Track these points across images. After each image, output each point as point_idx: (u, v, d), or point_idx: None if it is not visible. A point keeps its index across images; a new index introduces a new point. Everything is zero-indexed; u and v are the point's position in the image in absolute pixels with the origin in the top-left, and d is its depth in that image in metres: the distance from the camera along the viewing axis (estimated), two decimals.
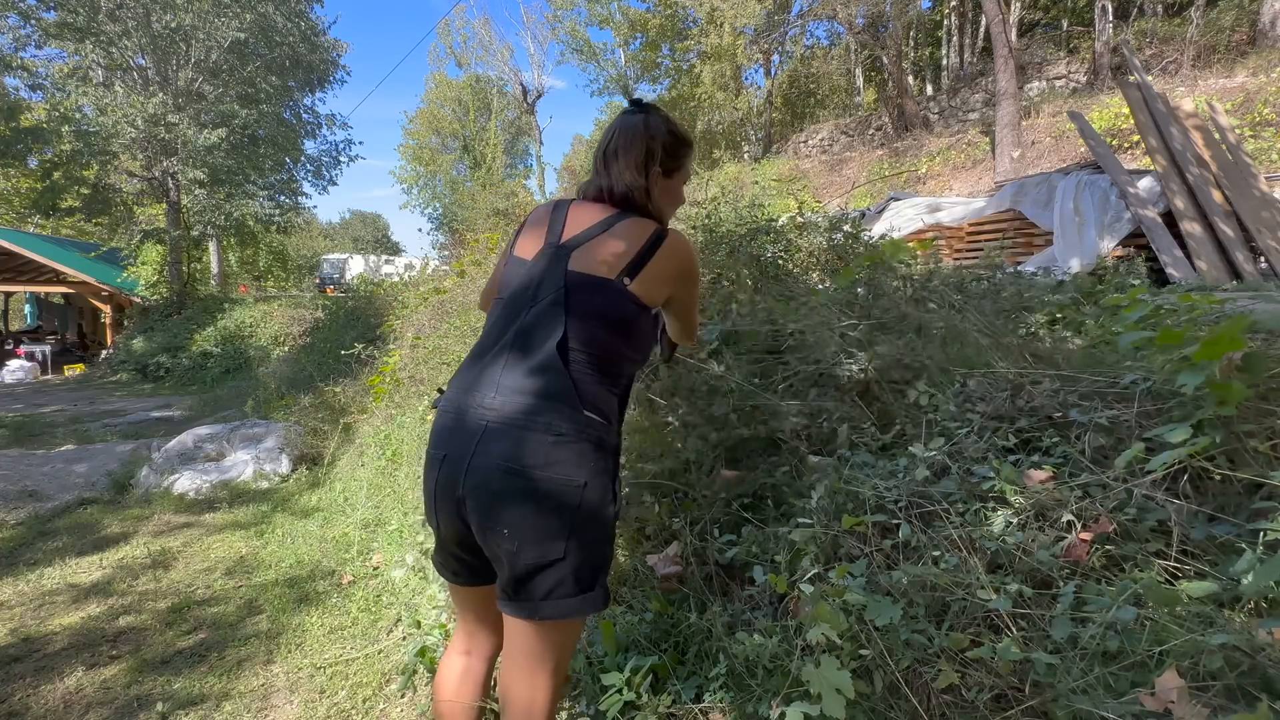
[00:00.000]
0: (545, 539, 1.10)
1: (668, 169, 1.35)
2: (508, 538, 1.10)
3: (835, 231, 3.56)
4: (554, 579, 1.12)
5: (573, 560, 1.12)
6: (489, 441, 1.11)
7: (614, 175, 1.30)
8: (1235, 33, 11.62)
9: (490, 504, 1.11)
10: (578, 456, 1.11)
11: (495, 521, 1.11)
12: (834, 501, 1.60)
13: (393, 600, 2.74)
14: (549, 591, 1.12)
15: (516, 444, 1.10)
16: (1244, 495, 1.27)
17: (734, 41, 18.21)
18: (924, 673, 1.17)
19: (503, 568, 1.15)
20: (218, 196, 14.61)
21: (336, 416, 5.56)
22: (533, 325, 1.18)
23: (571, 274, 1.21)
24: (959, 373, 1.95)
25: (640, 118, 1.33)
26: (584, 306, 1.18)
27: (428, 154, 34.26)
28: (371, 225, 55.01)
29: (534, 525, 1.10)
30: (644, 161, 1.30)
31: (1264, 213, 5.53)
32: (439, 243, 32.36)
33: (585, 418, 1.13)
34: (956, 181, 12.45)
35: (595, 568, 1.16)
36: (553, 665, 1.18)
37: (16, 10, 13.05)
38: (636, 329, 1.24)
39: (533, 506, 1.09)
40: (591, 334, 1.18)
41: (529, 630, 1.16)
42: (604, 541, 1.18)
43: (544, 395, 1.13)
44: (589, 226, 1.26)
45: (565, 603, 1.13)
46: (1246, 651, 0.95)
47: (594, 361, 1.18)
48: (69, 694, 2.21)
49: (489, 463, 1.10)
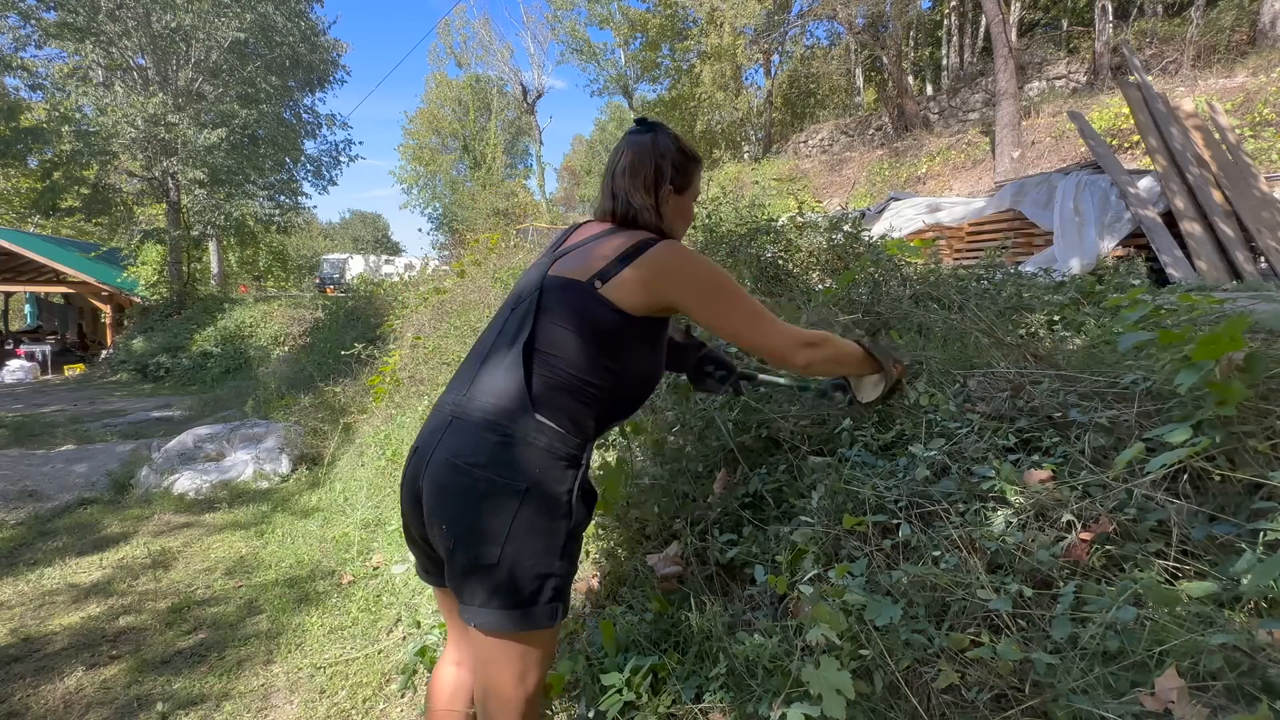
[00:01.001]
0: (480, 540, 1.07)
1: (678, 186, 1.32)
2: (445, 534, 1.10)
3: (835, 231, 3.56)
4: (490, 585, 1.08)
5: (508, 568, 1.07)
6: (448, 436, 1.13)
7: (622, 196, 1.28)
8: (1235, 33, 11.62)
9: (434, 497, 1.11)
10: (521, 459, 1.09)
11: (436, 515, 1.11)
12: (834, 502, 1.60)
13: (393, 600, 2.75)
14: (487, 599, 1.08)
15: (466, 440, 1.11)
16: (1244, 495, 1.27)
17: (734, 41, 18.21)
18: (924, 673, 1.17)
19: (446, 567, 1.13)
20: (218, 196, 14.60)
21: (336, 416, 5.56)
22: (510, 327, 1.20)
23: (549, 278, 1.21)
24: (959, 373, 1.95)
25: (649, 136, 1.31)
26: (553, 308, 1.17)
27: (428, 154, 34.27)
28: (371, 225, 55.00)
29: (469, 524, 1.08)
30: (654, 180, 1.28)
31: (1264, 213, 5.53)
32: (439, 243, 32.41)
33: (536, 421, 1.10)
34: (956, 181, 12.45)
35: (538, 582, 1.09)
36: (513, 676, 1.12)
37: (16, 10, 13.05)
38: (613, 338, 1.18)
39: (472, 504, 1.08)
40: (557, 337, 1.16)
41: (480, 639, 1.12)
42: (550, 554, 1.10)
43: (500, 395, 1.13)
44: (587, 238, 1.26)
45: (503, 614, 1.08)
46: (1246, 651, 0.95)
47: (555, 364, 1.15)
48: (69, 694, 2.21)
49: (441, 456, 1.11)
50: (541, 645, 1.15)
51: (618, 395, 1.22)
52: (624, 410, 1.29)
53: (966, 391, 1.88)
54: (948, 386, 1.92)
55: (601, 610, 1.89)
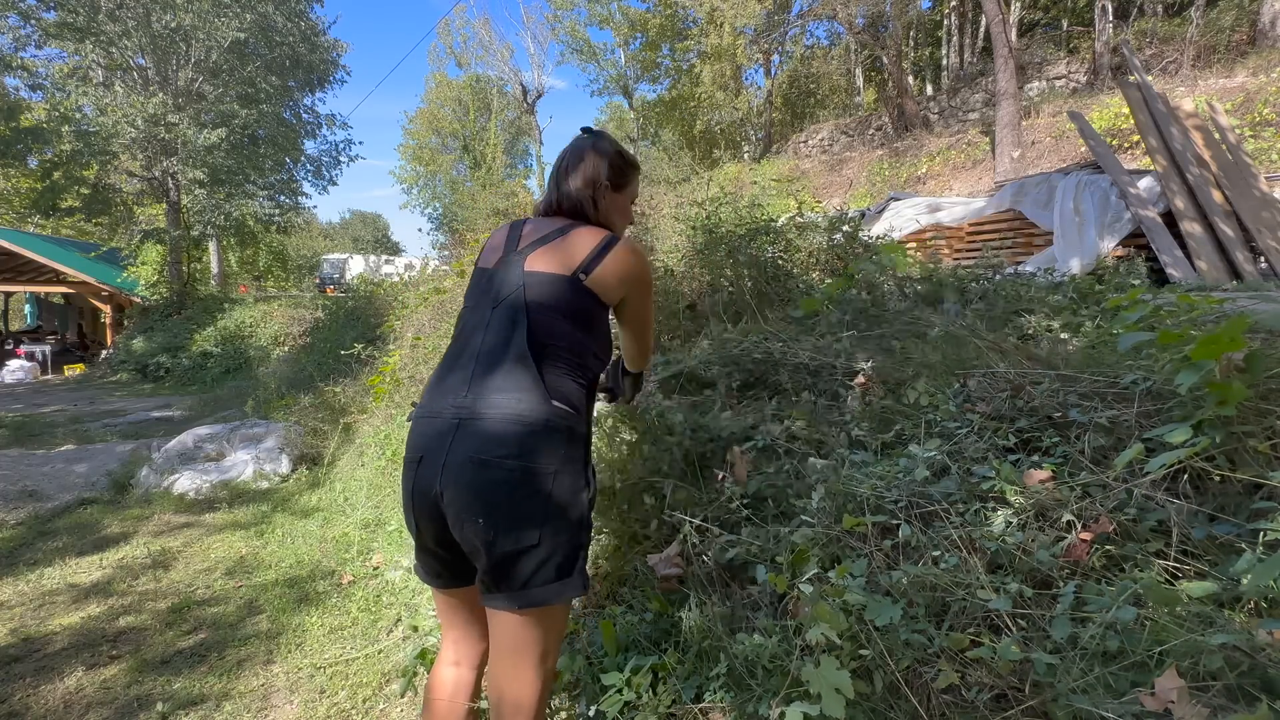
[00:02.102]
0: (520, 526, 1.15)
1: (615, 185, 1.46)
2: (483, 527, 1.15)
3: (835, 232, 3.56)
4: (533, 564, 1.16)
5: (548, 545, 1.17)
6: (462, 437, 1.18)
7: (565, 189, 1.42)
8: (1235, 33, 11.62)
9: (466, 496, 1.16)
10: (547, 445, 1.18)
11: (471, 513, 1.15)
12: (834, 503, 1.60)
13: (393, 600, 2.74)
14: (529, 578, 1.17)
15: (488, 436, 1.17)
16: (1244, 495, 1.27)
17: (734, 41, 18.18)
18: (924, 673, 1.17)
19: (481, 560, 1.19)
20: (218, 196, 14.60)
21: (336, 416, 5.56)
22: (497, 325, 1.27)
23: (529, 273, 1.29)
24: (959, 373, 1.95)
25: (590, 139, 1.46)
26: (543, 301, 1.26)
27: (428, 154, 34.24)
28: (371, 225, 54.98)
29: (508, 513, 1.15)
30: (593, 175, 1.42)
31: (1264, 213, 5.53)
32: (439, 243, 32.36)
33: (554, 408, 1.21)
34: (956, 181, 12.45)
35: (572, 552, 1.21)
36: (538, 657, 1.21)
37: (16, 10, 13.05)
38: (596, 323, 1.33)
39: (506, 495, 1.15)
40: (553, 327, 1.26)
41: (514, 623, 1.19)
42: (579, 526, 1.22)
43: (512, 388, 1.20)
44: (545, 234, 1.36)
45: (547, 589, 1.18)
46: (1246, 651, 0.95)
47: (559, 353, 1.26)
48: (69, 694, 2.21)
49: (462, 457, 1.16)
50: (562, 622, 1.27)
51: (597, 371, 1.38)
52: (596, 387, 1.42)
53: (966, 392, 1.88)
54: (947, 386, 1.92)
55: (601, 610, 1.89)
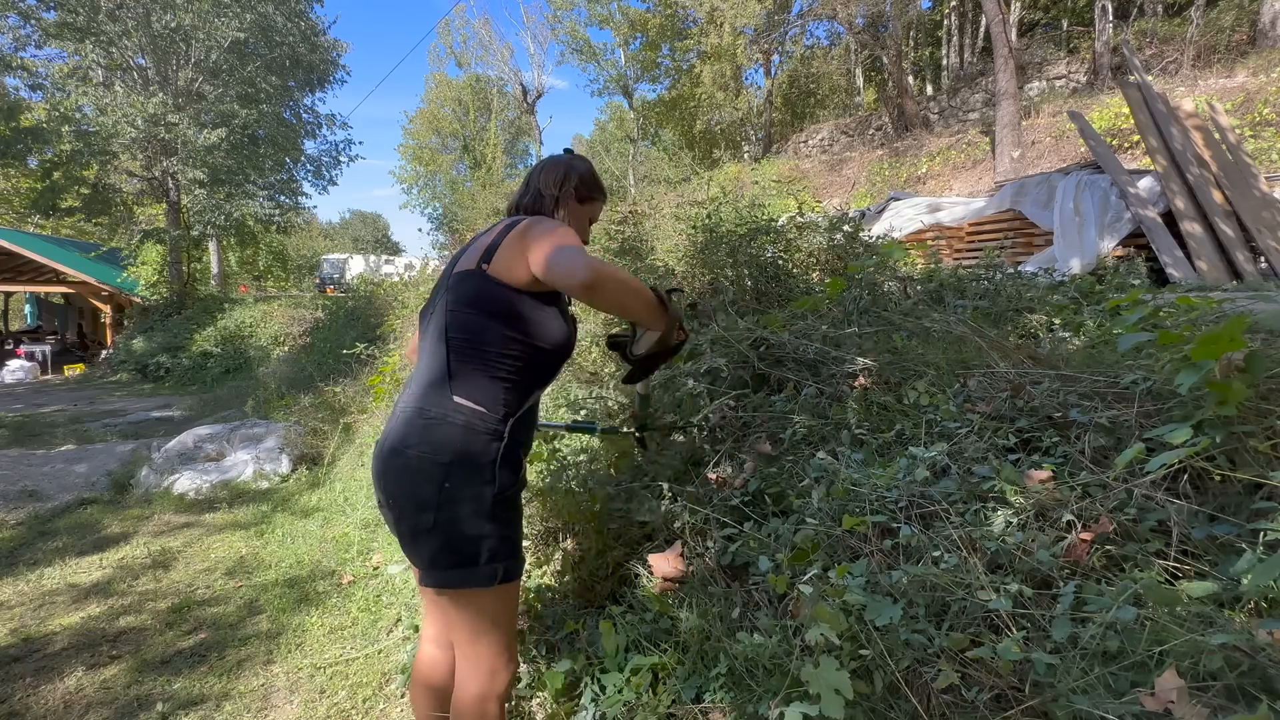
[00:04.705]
0: (417, 510, 1.24)
1: (580, 195, 1.52)
2: (391, 508, 1.29)
3: (835, 232, 3.56)
4: (432, 547, 1.25)
5: (444, 531, 1.24)
6: (393, 427, 1.31)
7: (531, 184, 1.51)
8: (1235, 33, 11.61)
9: (380, 480, 1.31)
10: (443, 437, 1.25)
11: (383, 493, 1.31)
12: (833, 504, 1.60)
13: (393, 600, 2.75)
14: (431, 559, 1.26)
15: (400, 428, 1.29)
16: (1244, 495, 1.27)
17: (734, 41, 18.18)
18: (924, 673, 1.17)
19: (399, 541, 1.31)
20: (218, 196, 14.59)
21: (336, 416, 5.56)
22: (432, 327, 1.37)
23: (455, 274, 1.36)
24: (959, 372, 1.95)
25: (566, 156, 1.56)
26: (457, 298, 1.33)
27: (428, 154, 34.25)
28: (371, 225, 55.00)
29: (407, 496, 1.26)
30: (561, 179, 1.50)
31: (1264, 213, 5.53)
32: (439, 243, 32.38)
33: (453, 403, 1.27)
34: (956, 181, 12.44)
35: (473, 544, 1.25)
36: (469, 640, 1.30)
37: (16, 10, 13.04)
38: (512, 313, 1.29)
39: (408, 480, 1.26)
40: (465, 321, 1.31)
41: (443, 604, 1.33)
42: (482, 519, 1.25)
43: (425, 383, 1.31)
44: (485, 231, 1.41)
45: (449, 574, 1.25)
46: (1246, 651, 0.95)
47: (472, 347, 1.29)
48: (69, 694, 2.21)
49: (386, 447, 1.30)
50: (493, 606, 1.30)
51: (532, 365, 1.33)
52: (544, 378, 1.39)
53: (966, 392, 1.88)
54: (947, 386, 1.92)
55: (601, 610, 1.88)
